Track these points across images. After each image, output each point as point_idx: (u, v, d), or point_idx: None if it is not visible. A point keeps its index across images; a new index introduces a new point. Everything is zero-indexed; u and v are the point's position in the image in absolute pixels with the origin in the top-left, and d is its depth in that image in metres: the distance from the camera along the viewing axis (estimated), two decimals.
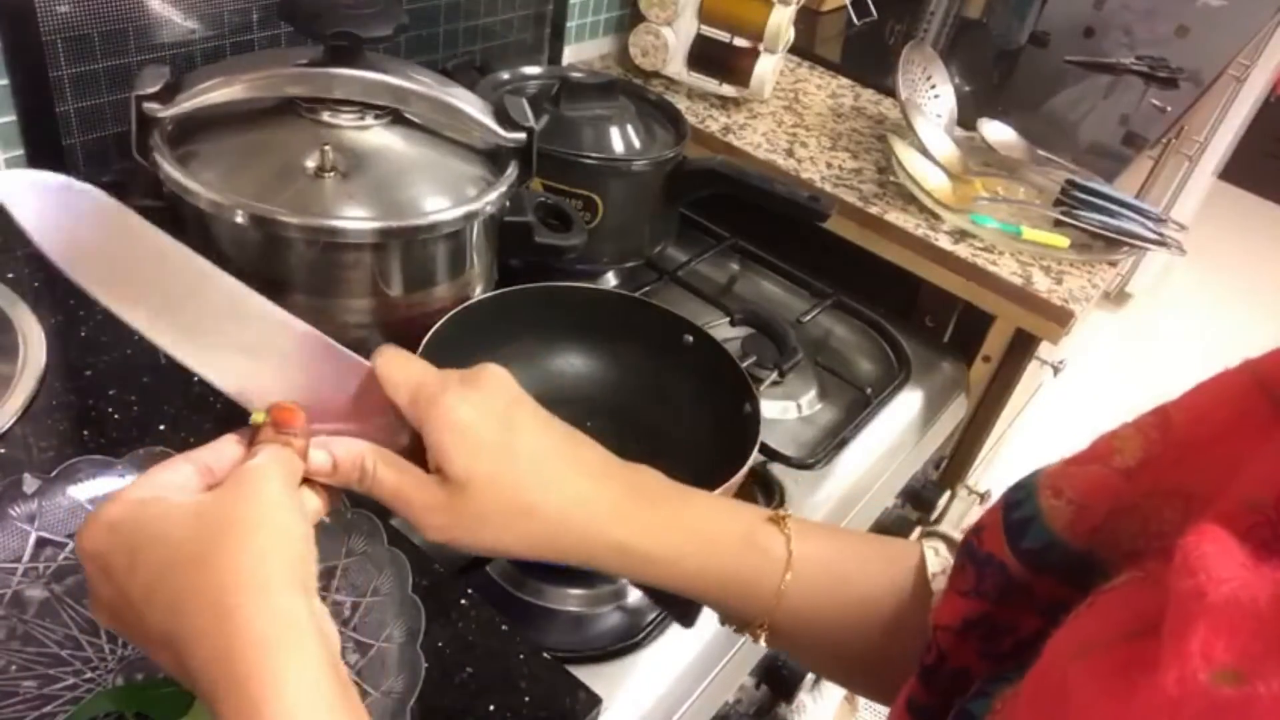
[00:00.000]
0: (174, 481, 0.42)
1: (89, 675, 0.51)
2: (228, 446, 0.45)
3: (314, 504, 0.45)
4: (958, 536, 0.48)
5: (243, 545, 0.38)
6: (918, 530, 1.16)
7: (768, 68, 1.23)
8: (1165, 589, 0.25)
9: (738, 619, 0.50)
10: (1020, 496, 0.39)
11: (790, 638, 0.49)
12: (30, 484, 0.55)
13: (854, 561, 0.50)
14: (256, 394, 0.47)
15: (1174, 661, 0.23)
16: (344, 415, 0.48)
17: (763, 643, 0.49)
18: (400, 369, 0.47)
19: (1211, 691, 0.22)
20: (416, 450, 0.47)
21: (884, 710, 0.47)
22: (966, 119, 1.28)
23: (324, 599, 0.57)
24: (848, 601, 0.48)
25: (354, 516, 0.60)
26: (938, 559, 0.48)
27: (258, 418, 0.46)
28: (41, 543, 0.54)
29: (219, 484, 0.42)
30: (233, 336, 0.48)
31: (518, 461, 0.45)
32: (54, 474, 0.56)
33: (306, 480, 0.45)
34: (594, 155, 0.92)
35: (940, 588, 0.46)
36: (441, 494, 0.44)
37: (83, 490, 0.56)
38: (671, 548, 0.47)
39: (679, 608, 0.52)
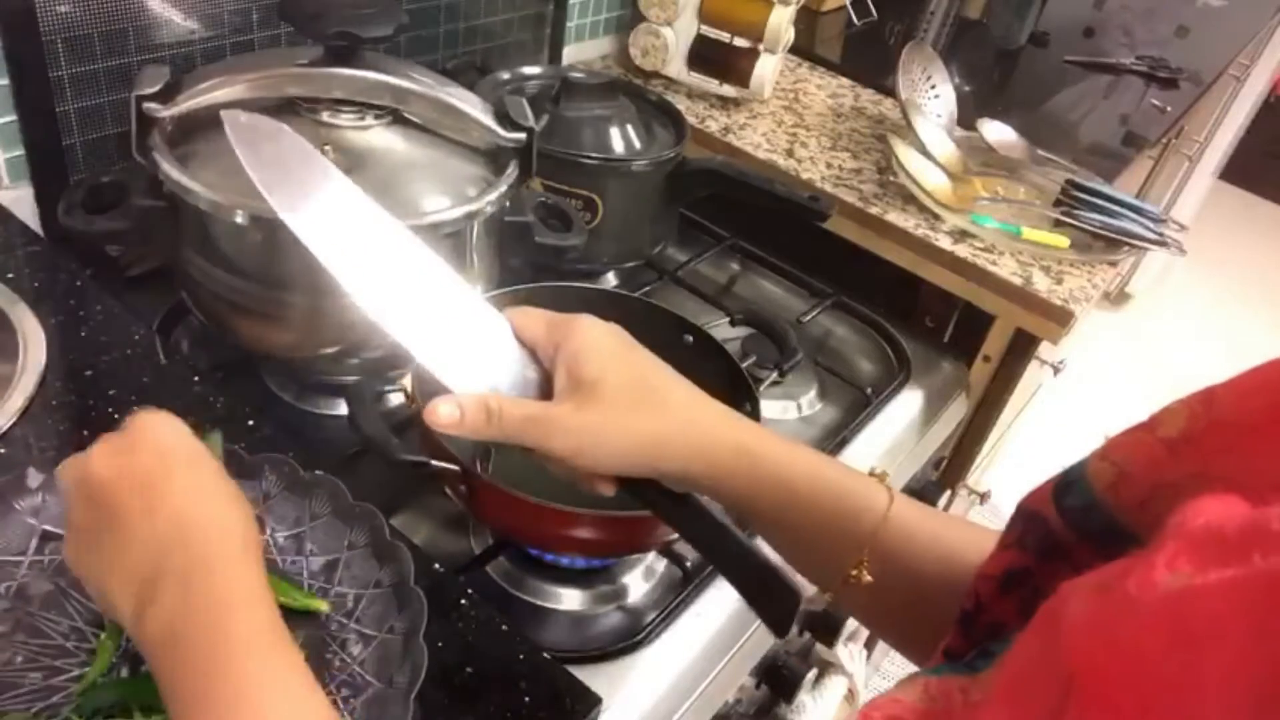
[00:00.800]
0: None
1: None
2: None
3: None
4: None
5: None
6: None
7: (768, 68, 1.23)
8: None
9: (833, 559, 0.49)
10: (1076, 463, 0.40)
11: (880, 585, 0.49)
12: (34, 478, 0.55)
13: (949, 524, 0.50)
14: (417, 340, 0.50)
15: (1140, 571, 0.24)
16: (478, 361, 0.51)
17: (864, 577, 0.48)
18: (531, 313, 0.53)
19: (1163, 590, 0.23)
20: (540, 388, 0.52)
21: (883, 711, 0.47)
22: (966, 119, 1.28)
23: (326, 592, 0.57)
24: (940, 554, 0.48)
25: (356, 510, 0.60)
26: None
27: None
28: (46, 536, 0.55)
29: None
30: (394, 277, 0.52)
31: (645, 367, 0.51)
32: (58, 469, 0.56)
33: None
34: (594, 155, 0.92)
35: None
36: (570, 405, 0.48)
37: None
38: (787, 462, 0.49)
39: (774, 608, 0.52)
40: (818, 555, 0.51)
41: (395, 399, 0.80)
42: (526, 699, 0.55)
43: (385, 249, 0.52)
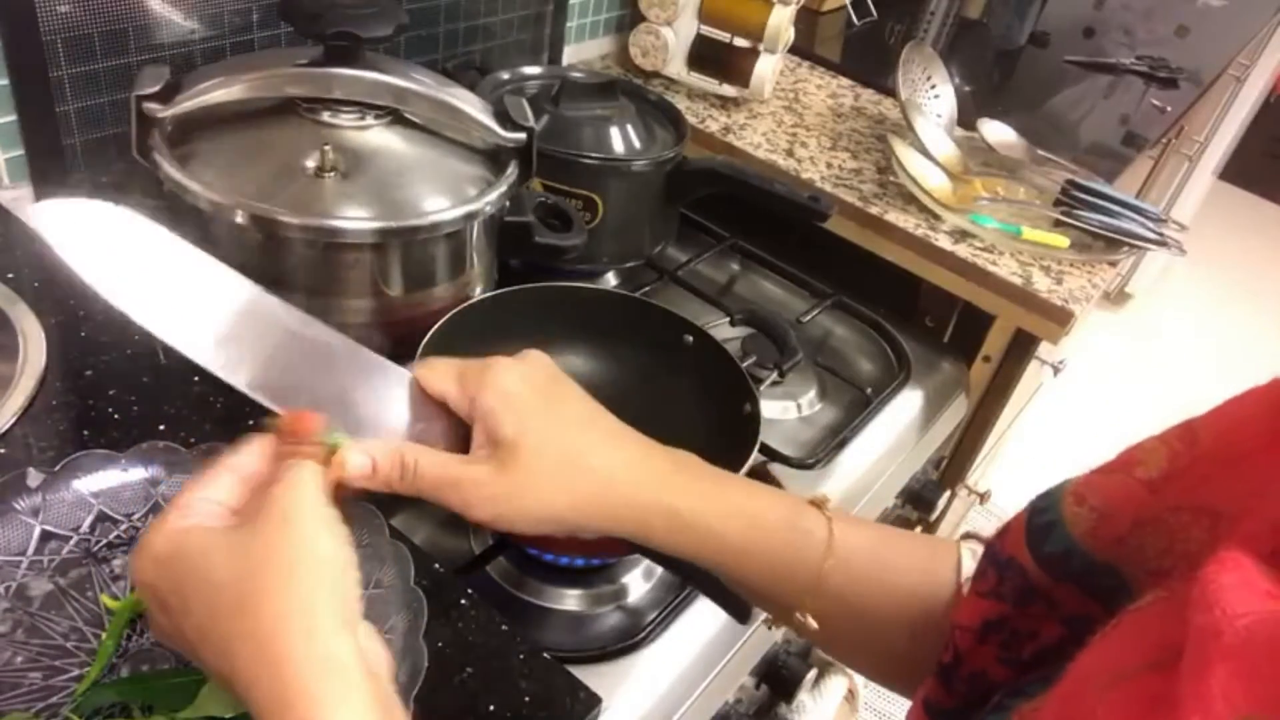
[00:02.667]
0: (215, 497, 0.42)
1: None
2: (257, 450, 0.45)
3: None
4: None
5: (284, 587, 0.38)
6: (960, 531, 1.16)
7: (768, 68, 1.23)
8: (1187, 618, 0.25)
9: (778, 602, 0.49)
10: (1045, 503, 0.39)
11: (829, 624, 0.48)
12: (34, 478, 0.55)
13: (894, 551, 0.50)
14: (291, 403, 0.47)
15: (1195, 705, 0.23)
16: (385, 425, 0.49)
17: (809, 624, 0.48)
18: (439, 364, 0.50)
19: None
20: (455, 445, 0.48)
21: (884, 712, 0.47)
22: (966, 119, 1.28)
23: None
24: (887, 588, 0.48)
25: (356, 510, 0.60)
26: (972, 561, 0.48)
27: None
28: (46, 536, 0.55)
29: (255, 499, 0.42)
30: (262, 344, 0.48)
31: (567, 423, 0.47)
32: (58, 468, 0.56)
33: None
34: (594, 155, 0.92)
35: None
36: (488, 467, 0.46)
37: (86, 484, 0.56)
38: (719, 517, 0.47)
39: (732, 600, 0.52)
40: (767, 596, 0.50)
41: None
42: (526, 699, 0.55)
43: (254, 316, 0.49)
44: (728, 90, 1.26)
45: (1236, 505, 0.30)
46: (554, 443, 0.46)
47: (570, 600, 0.71)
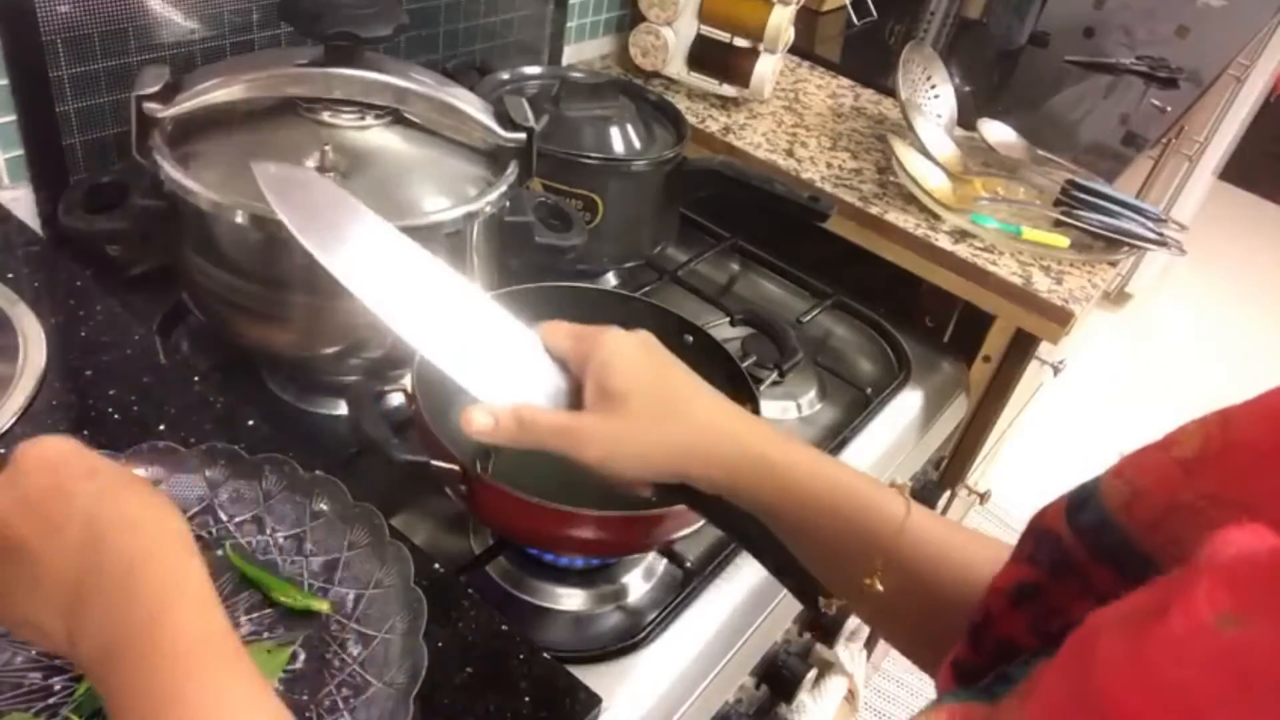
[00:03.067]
0: None
1: None
2: None
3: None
4: None
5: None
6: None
7: (768, 68, 1.23)
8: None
9: (847, 567, 0.50)
10: (1090, 482, 0.40)
11: (893, 599, 0.49)
12: None
13: (967, 538, 0.51)
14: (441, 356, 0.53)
15: (1181, 605, 0.24)
16: (512, 379, 0.54)
17: (877, 587, 0.49)
18: (560, 325, 0.55)
19: (1215, 632, 0.23)
20: (570, 398, 0.54)
21: (884, 712, 0.47)
22: (966, 119, 1.28)
23: (326, 592, 0.57)
24: (956, 570, 0.49)
25: (356, 510, 0.60)
26: None
27: None
28: None
29: None
30: (430, 305, 0.55)
31: (671, 379, 0.53)
32: None
33: None
34: (594, 155, 0.92)
35: None
36: (598, 415, 0.51)
37: None
38: (807, 472, 0.50)
39: (803, 580, 0.54)
40: (835, 562, 0.51)
41: (395, 399, 0.79)
42: (526, 699, 0.55)
43: (418, 278, 0.55)
44: (728, 90, 1.26)
45: (1268, 502, 0.30)
46: (659, 394, 0.51)
47: (570, 600, 0.71)
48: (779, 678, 0.86)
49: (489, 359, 0.54)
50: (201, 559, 0.41)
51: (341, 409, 0.80)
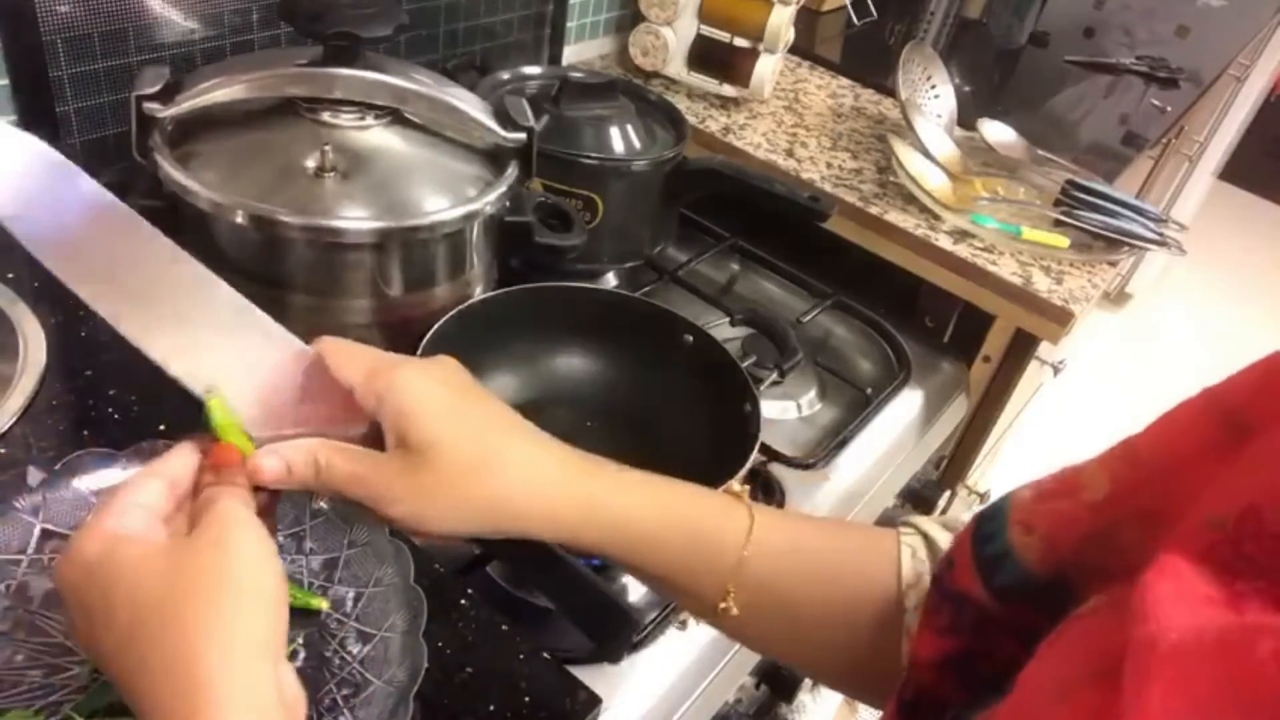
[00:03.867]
0: (146, 502, 0.42)
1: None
2: (187, 456, 0.45)
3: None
4: (936, 533, 0.47)
5: (210, 614, 0.37)
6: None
7: (768, 68, 1.23)
8: (1126, 627, 0.25)
9: (697, 594, 0.48)
10: (990, 530, 0.40)
11: (758, 617, 0.48)
12: (34, 476, 0.55)
13: (818, 537, 0.49)
14: (200, 377, 0.47)
15: (1136, 718, 0.23)
16: (292, 405, 0.48)
17: (731, 610, 0.47)
18: (349, 350, 0.48)
19: None
20: (368, 442, 0.47)
21: None
22: (966, 119, 1.28)
23: (326, 590, 0.57)
24: (809, 573, 0.47)
25: (356, 508, 0.60)
26: (913, 563, 0.47)
27: (212, 404, 0.45)
28: (46, 534, 0.55)
29: (182, 513, 0.42)
30: (185, 318, 0.48)
31: (479, 422, 0.46)
32: (58, 467, 0.56)
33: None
34: (594, 155, 0.92)
35: (913, 604, 0.46)
36: (402, 468, 0.44)
37: (86, 483, 0.56)
38: (634, 504, 0.47)
39: (604, 637, 0.51)
40: (683, 591, 0.49)
41: None
42: (526, 699, 0.55)
43: (157, 270, 0.48)
44: (728, 90, 1.26)
45: (1174, 509, 0.30)
46: (467, 443, 0.45)
47: None
48: (779, 678, 0.86)
49: (266, 380, 0.47)
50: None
51: None
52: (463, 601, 0.59)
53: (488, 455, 0.45)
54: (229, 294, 0.49)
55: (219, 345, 0.48)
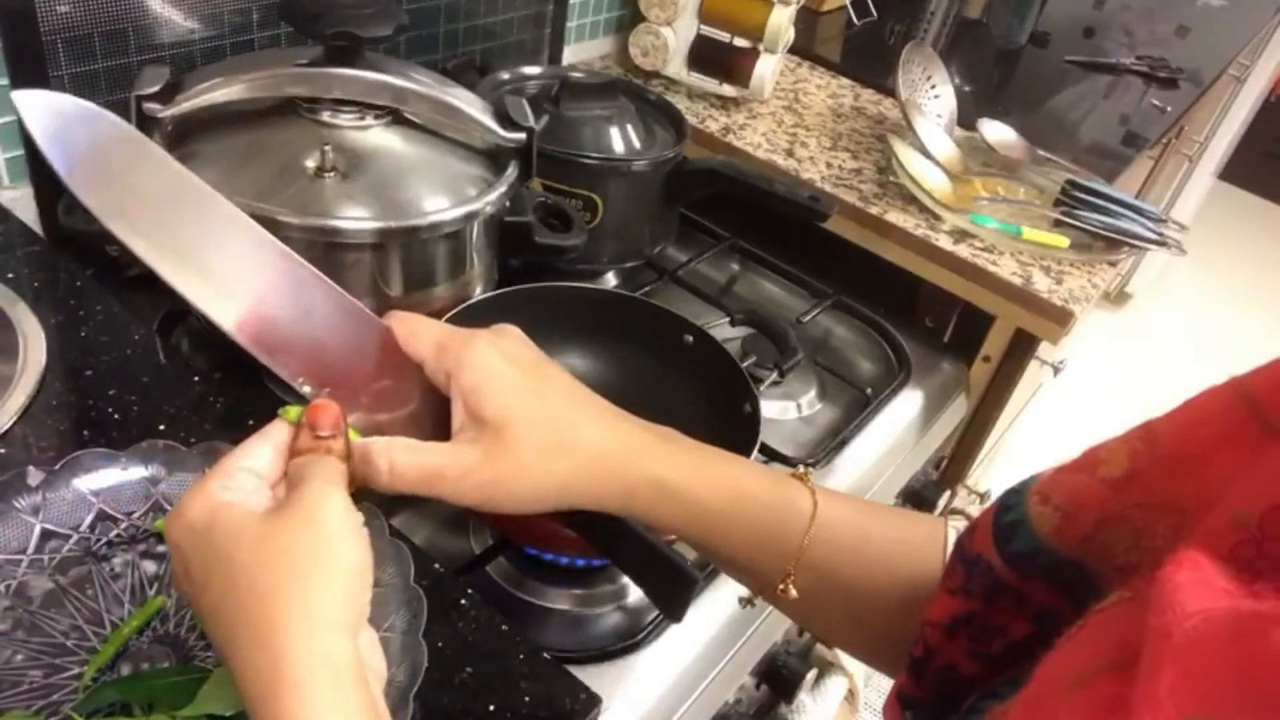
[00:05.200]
0: (255, 468, 0.43)
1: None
2: (284, 426, 0.45)
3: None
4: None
5: (296, 585, 0.38)
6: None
7: (768, 68, 1.23)
8: (1146, 619, 0.25)
9: (759, 574, 0.49)
10: (1012, 501, 0.40)
11: (813, 598, 0.48)
12: (34, 476, 0.55)
13: (878, 523, 0.50)
14: (267, 343, 0.47)
15: (1146, 708, 0.23)
16: (354, 373, 0.48)
17: (790, 593, 0.48)
18: (419, 324, 0.48)
19: None
20: (426, 414, 0.47)
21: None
22: (966, 119, 1.28)
23: None
24: (870, 561, 0.48)
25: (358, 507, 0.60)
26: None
27: (290, 414, 0.45)
28: (46, 534, 0.55)
29: (287, 482, 0.43)
30: (246, 279, 0.47)
31: (552, 400, 0.46)
32: (58, 467, 0.56)
33: None
34: (594, 155, 0.92)
35: None
36: (474, 452, 0.45)
37: (86, 483, 0.56)
38: (705, 486, 0.47)
39: (667, 596, 0.52)
40: (746, 570, 0.50)
41: None
42: (526, 699, 0.55)
43: (242, 248, 0.47)
44: (728, 90, 1.26)
45: (1197, 503, 0.30)
46: (540, 421, 0.45)
47: (570, 600, 0.71)
48: (779, 678, 0.86)
49: (332, 354, 0.47)
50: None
51: None
52: (463, 601, 0.59)
53: (561, 437, 0.46)
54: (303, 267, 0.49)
55: (281, 310, 0.48)
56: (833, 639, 0.53)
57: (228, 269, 0.47)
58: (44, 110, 0.46)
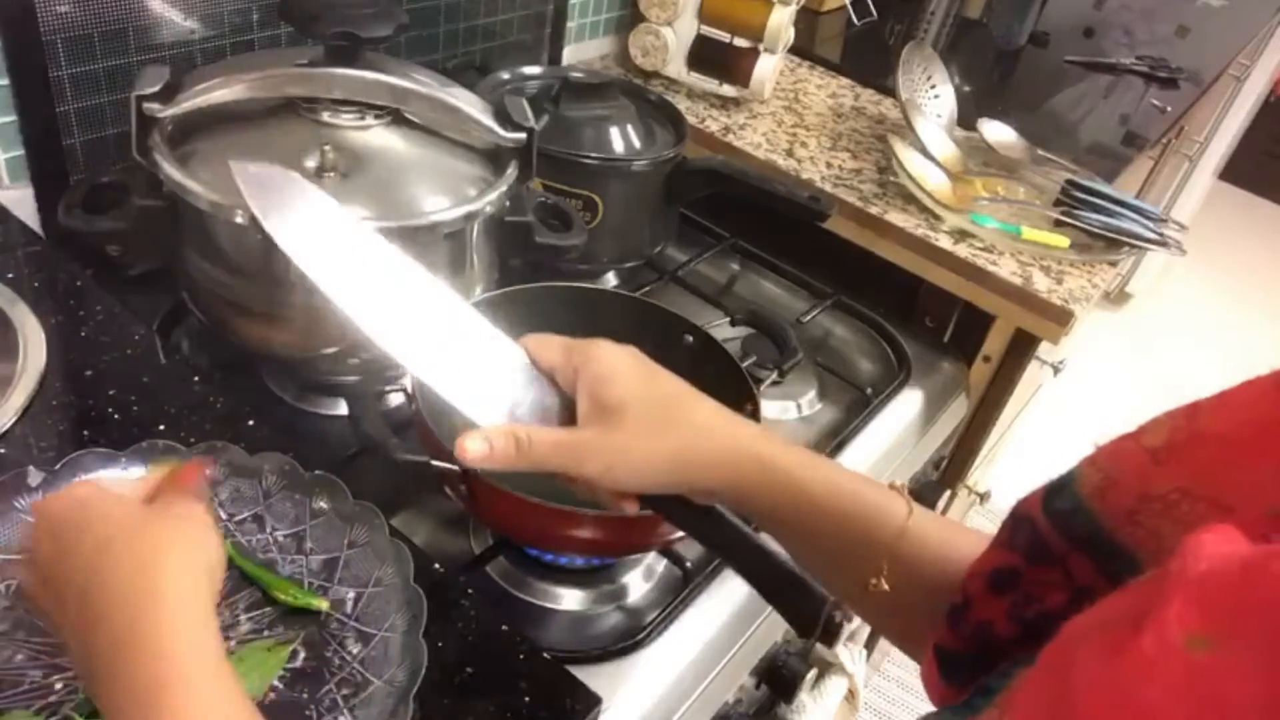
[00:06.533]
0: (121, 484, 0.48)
1: None
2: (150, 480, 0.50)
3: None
4: None
5: (174, 555, 0.42)
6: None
7: (768, 68, 1.23)
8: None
9: (849, 569, 0.50)
10: (1070, 469, 0.40)
11: (894, 599, 0.49)
12: (34, 476, 0.55)
13: (961, 532, 0.51)
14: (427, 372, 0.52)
15: (1153, 626, 0.24)
16: (499, 394, 0.53)
17: (883, 586, 0.49)
18: (547, 339, 0.54)
19: (1185, 655, 0.23)
20: (556, 417, 0.53)
21: (884, 712, 0.47)
22: (966, 119, 1.28)
23: (326, 590, 0.57)
24: (952, 562, 0.48)
25: (356, 509, 0.60)
26: None
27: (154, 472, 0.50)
28: None
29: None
30: (410, 314, 0.53)
31: (664, 386, 0.53)
32: (58, 467, 0.56)
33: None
34: (594, 155, 0.92)
35: None
36: (597, 430, 0.50)
37: None
38: (808, 473, 0.50)
39: (800, 612, 0.53)
40: (837, 564, 0.51)
41: (395, 399, 0.80)
42: (526, 699, 0.55)
43: (402, 288, 0.53)
44: (728, 90, 1.26)
45: (1236, 496, 0.30)
46: (656, 403, 0.51)
47: (570, 600, 0.71)
48: (779, 678, 0.86)
49: (478, 375, 0.53)
50: (210, 613, 0.42)
51: (341, 409, 0.80)
52: (463, 601, 0.59)
53: (673, 414, 0.51)
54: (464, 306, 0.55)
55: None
56: (903, 640, 0.54)
57: (413, 323, 0.53)
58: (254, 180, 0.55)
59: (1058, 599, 0.39)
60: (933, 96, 1.26)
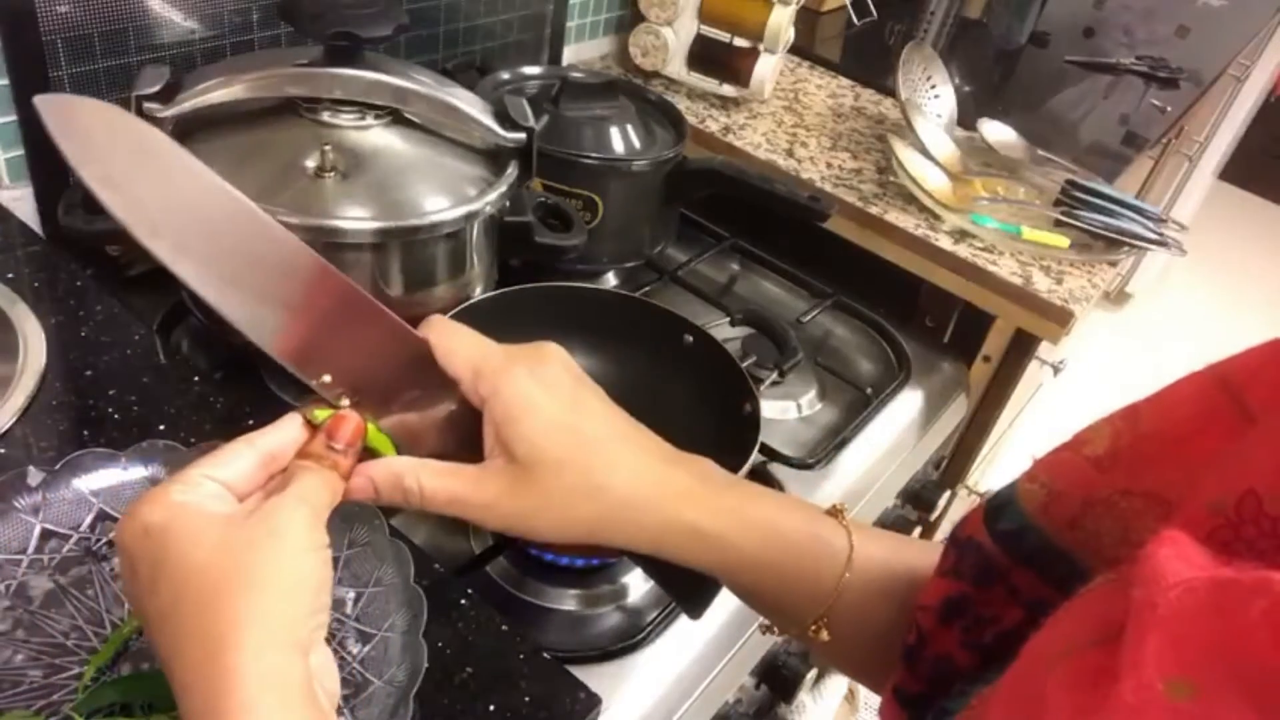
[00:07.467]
0: (223, 477, 0.41)
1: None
2: (290, 429, 0.44)
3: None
4: None
5: (249, 597, 0.37)
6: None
7: (768, 68, 1.23)
8: (1129, 594, 0.25)
9: (792, 615, 0.48)
10: (1004, 488, 0.40)
11: (842, 638, 0.48)
12: (34, 476, 0.55)
13: (910, 563, 0.49)
14: (294, 351, 0.45)
15: (1131, 671, 0.24)
16: (384, 381, 0.46)
17: (822, 637, 0.47)
18: (458, 340, 0.46)
19: (1167, 703, 0.23)
20: (460, 421, 0.46)
21: None
22: (966, 119, 1.28)
23: None
24: (903, 602, 0.47)
25: (356, 509, 0.60)
26: None
27: (318, 416, 0.45)
28: (46, 534, 0.55)
29: (263, 492, 0.42)
30: (276, 288, 0.45)
31: (586, 443, 0.45)
32: (58, 466, 0.56)
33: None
34: (594, 155, 0.92)
35: None
36: (499, 483, 0.44)
37: (86, 483, 0.56)
38: (740, 532, 0.46)
39: (688, 596, 0.51)
40: (782, 612, 0.49)
41: None
42: (526, 699, 0.55)
43: (259, 245, 0.44)
44: (728, 90, 1.26)
45: (1178, 491, 0.30)
46: (571, 464, 0.44)
47: (570, 600, 0.71)
48: (779, 678, 0.86)
49: (366, 364, 0.46)
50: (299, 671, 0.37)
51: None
52: (463, 601, 0.59)
53: (591, 482, 0.44)
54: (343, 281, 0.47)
55: (306, 316, 0.46)
56: (865, 680, 0.52)
57: (258, 278, 0.45)
58: (62, 114, 0.46)
59: (1014, 616, 0.38)
60: (933, 96, 1.26)
